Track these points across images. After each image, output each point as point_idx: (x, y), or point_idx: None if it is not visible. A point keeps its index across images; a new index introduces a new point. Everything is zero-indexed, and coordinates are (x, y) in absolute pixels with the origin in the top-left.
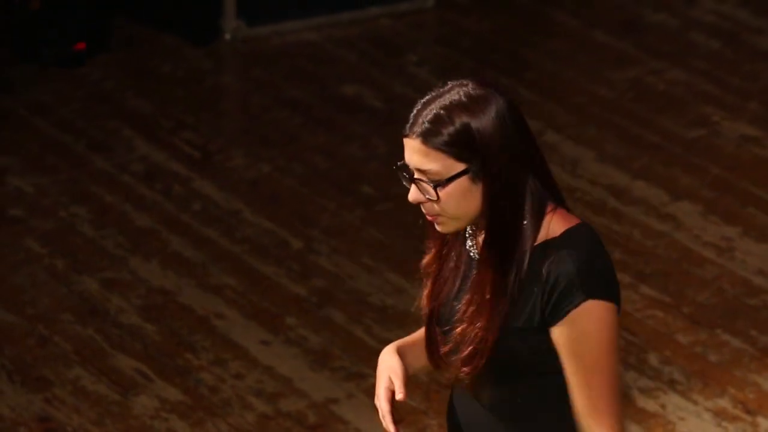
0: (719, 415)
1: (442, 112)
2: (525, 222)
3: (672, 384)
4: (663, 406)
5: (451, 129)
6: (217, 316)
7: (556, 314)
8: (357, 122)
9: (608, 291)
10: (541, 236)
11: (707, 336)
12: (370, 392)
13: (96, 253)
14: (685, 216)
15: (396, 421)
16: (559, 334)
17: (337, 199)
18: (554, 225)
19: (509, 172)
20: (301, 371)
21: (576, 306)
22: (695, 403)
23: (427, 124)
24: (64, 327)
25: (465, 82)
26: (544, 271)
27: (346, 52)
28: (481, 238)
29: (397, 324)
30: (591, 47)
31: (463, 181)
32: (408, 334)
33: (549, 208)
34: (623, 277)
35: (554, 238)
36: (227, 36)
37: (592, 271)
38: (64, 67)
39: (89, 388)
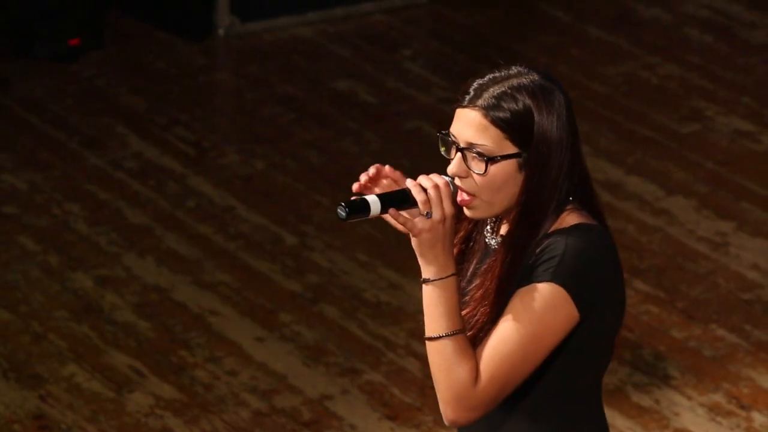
0: (713, 410)
1: (510, 91)
2: (546, 215)
3: (666, 379)
4: (657, 401)
5: (516, 109)
6: (212, 312)
7: (523, 283)
8: (350, 118)
9: (577, 288)
10: (554, 227)
11: (701, 331)
12: (365, 388)
13: (90, 250)
14: (679, 211)
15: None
16: (512, 296)
17: (331, 195)
18: (569, 218)
19: (553, 169)
20: (296, 367)
21: (540, 282)
22: (689, 398)
23: (493, 99)
24: (58, 324)
25: (532, 72)
26: (537, 250)
27: (339, 47)
28: (503, 228)
29: (392, 320)
30: (584, 42)
31: (512, 164)
32: (402, 329)
33: (569, 206)
34: None
35: (562, 228)
36: (221, 32)
37: (574, 262)
38: (58, 63)
39: (83, 385)
